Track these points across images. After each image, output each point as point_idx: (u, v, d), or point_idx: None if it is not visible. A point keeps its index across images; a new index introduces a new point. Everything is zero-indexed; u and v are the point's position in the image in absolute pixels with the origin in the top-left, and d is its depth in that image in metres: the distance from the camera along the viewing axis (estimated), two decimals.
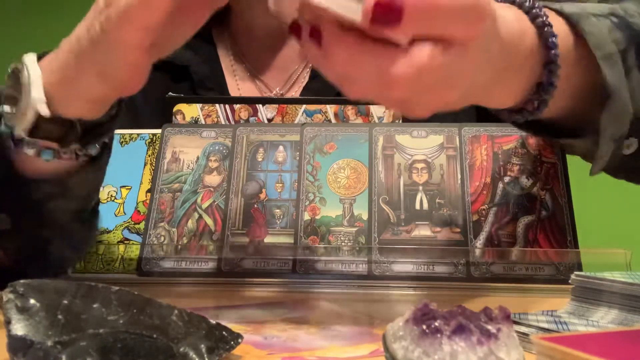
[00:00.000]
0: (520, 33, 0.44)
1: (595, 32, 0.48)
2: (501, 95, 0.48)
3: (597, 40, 0.48)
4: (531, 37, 0.45)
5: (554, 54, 0.46)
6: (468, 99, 0.45)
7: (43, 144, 0.51)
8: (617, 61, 0.48)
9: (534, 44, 0.46)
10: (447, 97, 0.40)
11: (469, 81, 0.40)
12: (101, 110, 0.52)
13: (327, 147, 0.68)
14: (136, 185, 0.69)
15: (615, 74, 0.48)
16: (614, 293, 0.41)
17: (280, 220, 0.64)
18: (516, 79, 0.47)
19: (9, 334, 0.31)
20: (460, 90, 0.40)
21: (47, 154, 0.51)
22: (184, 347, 0.33)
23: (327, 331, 0.42)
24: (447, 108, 0.42)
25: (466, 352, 0.28)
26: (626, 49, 0.49)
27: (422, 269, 0.60)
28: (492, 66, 0.42)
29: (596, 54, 0.48)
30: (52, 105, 0.50)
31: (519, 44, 0.44)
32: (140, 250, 0.63)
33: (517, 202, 0.62)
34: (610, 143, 0.50)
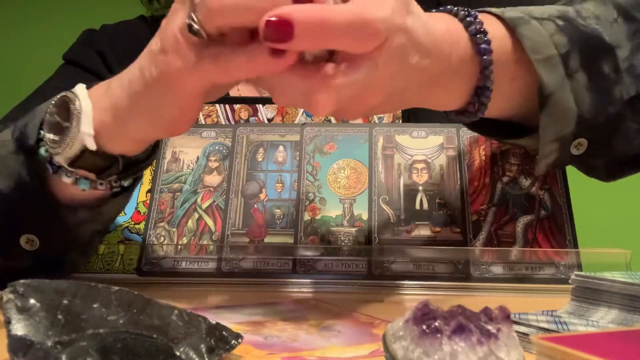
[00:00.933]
0: (450, 41, 0.46)
1: (532, 36, 0.49)
2: (442, 98, 0.50)
3: (534, 44, 0.49)
4: (464, 44, 0.48)
5: (487, 59, 0.48)
6: (402, 103, 0.49)
7: (82, 174, 0.52)
8: (557, 63, 0.49)
9: (467, 51, 0.48)
10: (369, 103, 0.44)
11: (388, 88, 0.44)
12: (145, 147, 0.54)
13: (327, 147, 0.68)
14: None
15: (554, 76, 0.49)
16: (614, 293, 0.41)
17: (280, 220, 0.64)
18: (453, 83, 0.49)
19: (9, 334, 0.31)
20: (380, 97, 0.44)
21: (84, 183, 0.52)
22: (184, 347, 0.33)
23: (327, 331, 0.42)
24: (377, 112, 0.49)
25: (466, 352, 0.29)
26: (569, 51, 0.50)
27: (422, 269, 0.60)
28: (420, 74, 0.45)
29: (532, 57, 0.49)
30: (99, 141, 0.50)
31: (449, 51, 0.46)
32: (140, 250, 0.63)
33: (516, 202, 0.63)
34: (552, 143, 0.51)
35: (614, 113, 0.52)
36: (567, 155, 0.52)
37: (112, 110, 0.49)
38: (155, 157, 0.57)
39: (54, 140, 0.51)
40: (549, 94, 0.49)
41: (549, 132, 0.50)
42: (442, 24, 0.47)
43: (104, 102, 0.50)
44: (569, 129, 0.51)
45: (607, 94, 0.51)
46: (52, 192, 0.54)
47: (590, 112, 0.51)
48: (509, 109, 0.53)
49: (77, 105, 0.50)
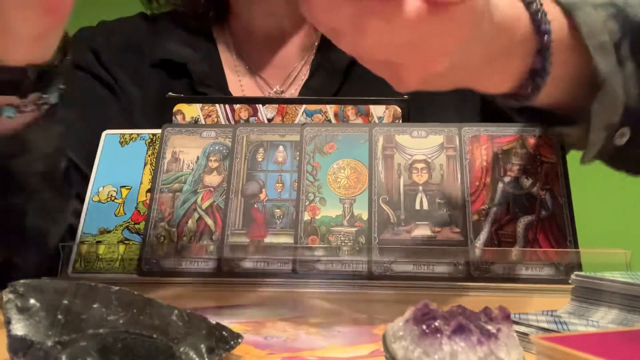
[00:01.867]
0: (514, 18, 0.46)
1: (588, 22, 0.49)
2: (496, 79, 0.49)
3: (590, 30, 0.49)
4: (525, 23, 0.47)
5: (547, 40, 0.47)
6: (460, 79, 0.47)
7: (3, 101, 0.49)
8: (610, 51, 0.49)
9: (527, 30, 0.47)
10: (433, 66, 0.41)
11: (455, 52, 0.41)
12: (47, 48, 0.50)
13: (327, 147, 0.68)
14: (136, 185, 0.69)
15: (608, 63, 0.49)
16: (614, 293, 0.41)
17: (280, 220, 0.64)
18: (511, 63, 0.48)
19: (9, 334, 0.31)
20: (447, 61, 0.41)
21: (8, 110, 0.50)
22: (184, 347, 0.33)
23: (327, 331, 0.42)
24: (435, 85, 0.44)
25: (466, 352, 0.28)
26: (621, 39, 0.50)
27: (422, 269, 0.60)
28: (485, 47, 0.44)
29: (588, 43, 0.49)
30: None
31: (512, 29, 0.45)
32: (140, 250, 0.63)
33: (517, 202, 0.62)
34: (601, 131, 0.51)
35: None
36: (611, 145, 0.52)
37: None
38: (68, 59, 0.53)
39: None
40: (602, 81, 0.49)
41: (599, 119, 0.50)
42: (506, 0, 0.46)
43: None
44: (617, 117, 0.50)
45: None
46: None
47: (635, 101, 0.51)
48: (556, 96, 0.52)
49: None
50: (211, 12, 0.87)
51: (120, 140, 0.71)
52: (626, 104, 0.50)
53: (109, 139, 0.72)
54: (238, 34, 0.88)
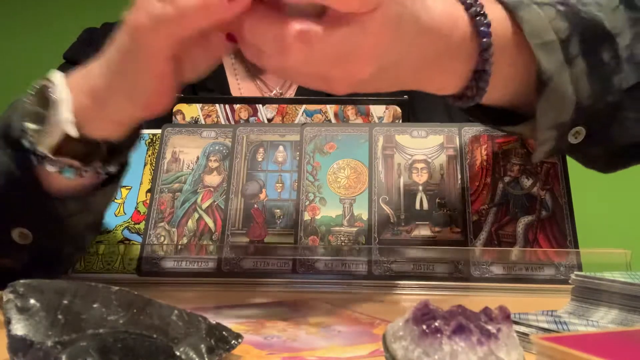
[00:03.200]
0: (450, 21, 0.46)
1: (532, 20, 0.49)
2: (439, 80, 0.49)
3: (533, 28, 0.48)
4: (464, 25, 0.47)
5: (486, 42, 0.47)
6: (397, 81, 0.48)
7: (66, 162, 0.52)
8: (556, 49, 0.49)
9: (466, 33, 0.47)
10: (358, 74, 0.43)
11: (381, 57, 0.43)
12: (127, 130, 0.53)
13: (327, 147, 0.68)
14: (136, 185, 0.69)
15: (553, 61, 0.49)
16: (614, 293, 0.41)
17: (280, 220, 0.64)
18: (452, 65, 0.48)
19: (9, 334, 0.31)
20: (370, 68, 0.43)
21: (69, 172, 0.52)
22: (184, 347, 0.33)
23: (327, 331, 0.42)
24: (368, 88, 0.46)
25: (466, 352, 0.28)
26: (569, 37, 0.49)
27: (422, 269, 0.60)
28: (416, 50, 0.44)
29: (531, 41, 0.48)
30: (79, 126, 0.50)
31: (448, 31, 0.46)
32: (140, 250, 0.63)
33: (517, 202, 0.62)
34: (550, 130, 0.51)
35: (612, 102, 0.51)
36: (565, 143, 0.52)
37: (90, 93, 0.49)
38: (138, 139, 0.57)
39: (35, 129, 0.51)
40: (547, 79, 0.48)
41: (546, 118, 0.50)
42: (442, 4, 0.46)
43: (82, 86, 0.50)
44: (567, 116, 0.50)
45: (606, 82, 0.51)
46: (40, 183, 0.53)
47: (588, 100, 0.50)
48: (507, 95, 0.52)
49: (55, 92, 0.50)
50: None
51: None
52: (578, 102, 0.50)
53: None
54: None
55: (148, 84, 0.47)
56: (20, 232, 0.54)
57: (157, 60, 0.45)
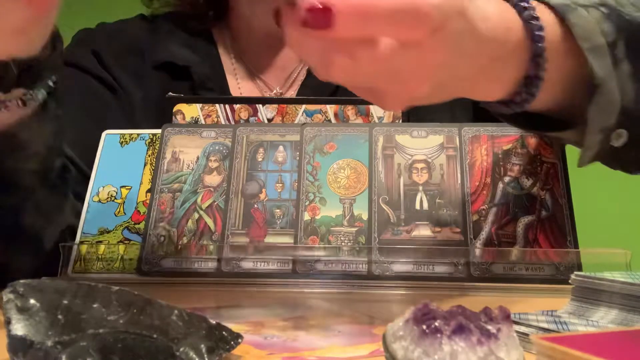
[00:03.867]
0: (504, 27, 0.45)
1: (582, 24, 0.48)
2: (489, 87, 0.49)
3: (584, 32, 0.48)
4: (517, 31, 0.46)
5: (541, 47, 0.46)
6: (450, 92, 0.47)
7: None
8: (605, 53, 0.49)
9: (520, 37, 0.46)
10: (415, 91, 0.42)
11: (437, 76, 0.42)
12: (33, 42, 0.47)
13: (327, 147, 0.68)
14: (136, 185, 0.69)
15: (603, 65, 0.48)
16: (614, 293, 0.41)
17: (280, 220, 0.64)
18: (504, 71, 0.47)
19: (9, 334, 0.31)
20: (428, 86, 0.41)
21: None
22: (184, 347, 0.33)
23: (327, 331, 0.42)
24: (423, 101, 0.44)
25: (466, 352, 0.28)
26: (615, 40, 0.49)
27: (422, 269, 0.60)
28: (473, 61, 0.43)
29: (583, 45, 0.48)
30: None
31: (503, 37, 0.45)
32: (140, 250, 0.63)
33: (517, 202, 0.62)
34: (597, 134, 0.50)
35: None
36: (608, 147, 0.51)
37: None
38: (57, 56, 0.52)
39: None
40: (598, 84, 0.48)
41: (595, 122, 0.49)
42: (497, 8, 0.45)
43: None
44: (613, 119, 0.50)
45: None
46: None
47: (632, 103, 0.50)
48: (551, 100, 0.51)
49: None
50: (210, 13, 0.87)
51: (120, 140, 0.71)
52: (622, 105, 0.49)
53: (109, 139, 0.72)
54: (238, 36, 0.88)
55: None
56: None
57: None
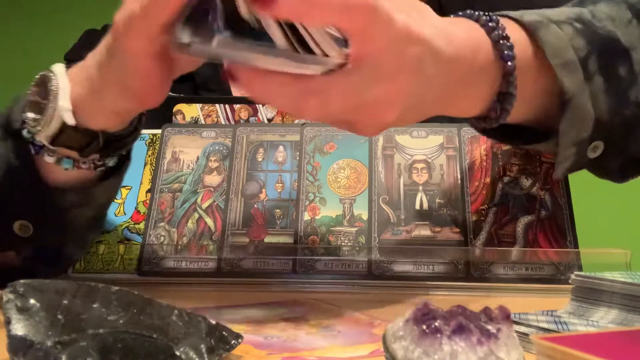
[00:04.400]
0: (471, 47, 0.46)
1: (552, 41, 0.49)
2: (462, 105, 0.50)
3: (554, 49, 0.49)
4: (486, 50, 0.47)
5: (511, 65, 0.47)
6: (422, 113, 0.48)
7: (63, 153, 0.52)
8: (577, 68, 0.49)
9: (489, 57, 0.47)
10: (385, 119, 0.43)
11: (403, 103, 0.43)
12: (124, 122, 0.54)
13: (327, 147, 0.68)
14: (136, 185, 0.69)
15: (574, 80, 0.49)
16: (614, 293, 0.41)
17: (280, 220, 0.64)
18: (475, 89, 0.48)
19: (9, 334, 0.31)
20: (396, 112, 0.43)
21: (67, 162, 0.53)
22: (184, 347, 0.33)
23: (327, 331, 0.42)
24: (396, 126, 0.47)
25: (466, 352, 0.28)
26: (587, 55, 0.50)
27: (422, 269, 0.60)
28: (440, 83, 0.44)
29: (553, 62, 0.49)
30: (77, 116, 0.51)
31: (471, 57, 0.46)
32: (140, 250, 0.63)
33: (516, 202, 0.62)
34: (570, 148, 0.51)
35: (629, 115, 0.52)
36: (584, 159, 0.52)
37: (87, 83, 0.50)
38: (138, 134, 0.57)
39: (34, 119, 0.51)
40: (569, 99, 0.49)
41: (568, 136, 0.50)
42: (464, 30, 0.46)
43: (80, 77, 0.51)
44: (587, 132, 0.51)
45: (623, 96, 0.51)
46: (39, 174, 0.53)
47: (606, 115, 0.51)
48: (527, 114, 0.52)
49: (54, 81, 0.50)
50: None
51: None
52: (597, 118, 0.50)
53: None
54: None
55: (136, 81, 0.48)
56: (21, 224, 0.54)
57: (140, 60, 0.46)
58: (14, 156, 0.53)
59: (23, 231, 0.54)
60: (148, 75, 0.47)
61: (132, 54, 0.46)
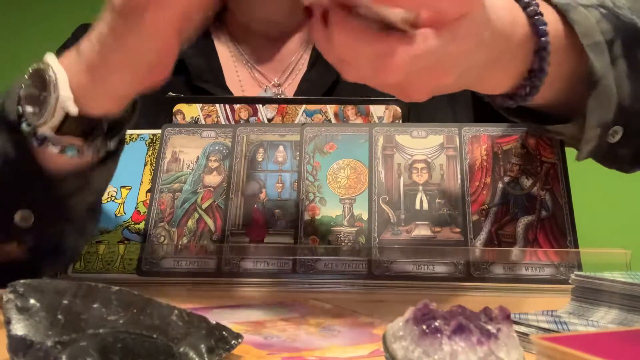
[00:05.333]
0: (511, 21, 0.47)
1: (583, 22, 0.50)
2: (495, 81, 0.50)
3: (584, 30, 0.50)
4: (522, 25, 0.48)
5: (545, 41, 0.48)
6: (462, 83, 0.48)
7: (68, 142, 0.52)
8: (604, 50, 0.51)
9: (525, 32, 0.48)
10: (443, 81, 0.43)
11: (463, 65, 0.43)
12: (125, 105, 0.53)
13: (327, 147, 0.68)
14: (136, 185, 0.69)
15: (602, 62, 0.51)
16: (614, 293, 0.41)
17: (280, 220, 0.64)
18: (510, 65, 0.49)
19: (9, 334, 0.31)
20: (455, 74, 0.43)
21: (71, 150, 0.52)
22: (184, 347, 0.33)
23: (327, 331, 0.42)
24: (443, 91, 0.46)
25: (466, 352, 0.28)
26: (613, 39, 0.51)
27: (422, 269, 0.60)
28: (486, 52, 0.45)
29: (583, 42, 0.50)
30: (79, 104, 0.50)
31: (510, 31, 0.46)
32: (140, 250, 0.63)
33: (517, 202, 0.62)
34: (595, 129, 0.53)
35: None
36: (605, 143, 0.54)
37: (88, 71, 0.50)
38: (136, 114, 0.57)
39: (33, 112, 0.51)
40: (598, 79, 0.50)
41: (594, 116, 0.51)
42: (504, 3, 0.47)
43: (77, 66, 0.50)
44: (610, 115, 0.52)
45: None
46: (39, 164, 0.53)
47: (628, 100, 0.52)
48: (554, 95, 0.53)
49: (51, 72, 0.50)
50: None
51: None
52: (619, 102, 0.52)
53: None
54: (236, 28, 0.88)
55: (151, 56, 0.48)
56: (22, 215, 0.54)
57: (166, 35, 0.46)
58: (10, 148, 0.53)
59: (24, 221, 0.54)
60: (168, 50, 0.47)
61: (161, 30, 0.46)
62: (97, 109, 0.51)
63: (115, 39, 0.48)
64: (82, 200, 0.57)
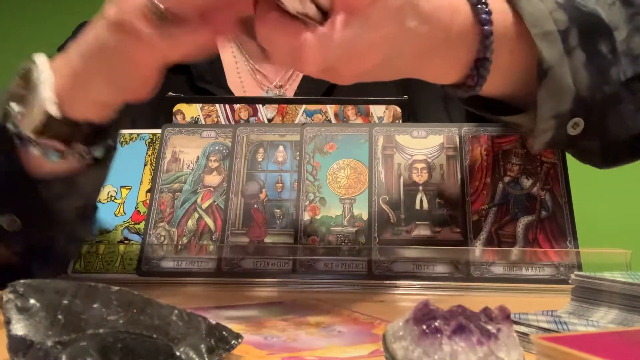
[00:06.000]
0: (451, 10, 0.46)
1: (532, 10, 0.50)
2: (439, 70, 0.50)
3: (533, 18, 0.49)
4: (465, 14, 0.48)
5: (487, 29, 0.48)
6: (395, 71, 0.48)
7: (49, 145, 0.52)
8: (556, 39, 0.50)
9: (467, 21, 0.48)
10: (363, 66, 0.44)
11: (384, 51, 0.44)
12: (109, 113, 0.53)
13: (327, 147, 0.68)
14: (136, 185, 0.69)
15: (553, 51, 0.50)
16: (614, 293, 0.41)
17: (280, 220, 0.64)
18: (452, 54, 0.49)
19: (9, 334, 0.31)
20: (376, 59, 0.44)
21: (52, 154, 0.52)
22: (184, 347, 0.33)
23: (327, 331, 0.42)
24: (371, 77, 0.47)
25: (466, 352, 0.28)
26: (568, 28, 0.50)
27: (422, 269, 0.60)
28: (416, 40, 0.45)
29: (531, 31, 0.49)
30: (61, 106, 0.50)
31: (449, 19, 0.46)
32: (140, 250, 0.63)
33: (517, 202, 0.62)
34: (549, 120, 0.52)
35: (610, 93, 0.52)
36: (564, 134, 0.53)
37: (71, 75, 0.50)
38: (121, 124, 0.57)
39: (19, 112, 0.51)
40: (547, 68, 0.49)
41: (546, 107, 0.51)
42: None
43: (63, 69, 0.50)
44: (566, 106, 0.51)
45: (604, 73, 0.52)
46: (24, 167, 0.53)
47: (587, 91, 0.51)
48: (506, 85, 0.53)
49: (36, 72, 0.50)
50: None
51: (120, 140, 0.71)
52: (577, 93, 0.51)
53: None
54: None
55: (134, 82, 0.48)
56: (9, 219, 0.54)
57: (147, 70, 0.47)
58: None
59: (11, 225, 0.54)
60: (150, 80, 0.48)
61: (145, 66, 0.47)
62: (78, 113, 0.51)
63: (101, 50, 0.48)
64: (69, 205, 0.57)
